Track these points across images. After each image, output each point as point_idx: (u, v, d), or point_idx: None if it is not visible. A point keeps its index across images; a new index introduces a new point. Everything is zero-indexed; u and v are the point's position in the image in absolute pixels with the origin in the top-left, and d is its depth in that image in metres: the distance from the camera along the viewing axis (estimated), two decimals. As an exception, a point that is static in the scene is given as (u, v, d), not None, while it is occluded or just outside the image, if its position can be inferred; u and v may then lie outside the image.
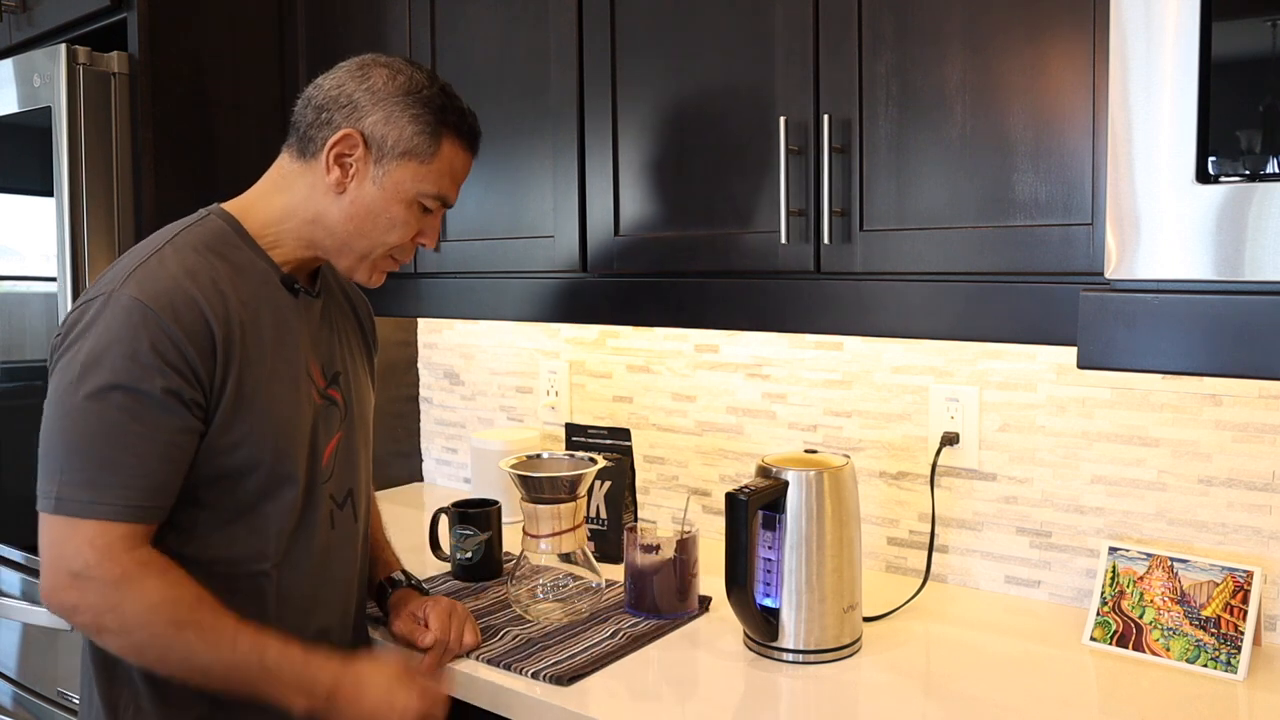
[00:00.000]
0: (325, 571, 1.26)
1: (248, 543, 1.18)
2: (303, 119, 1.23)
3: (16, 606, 1.98)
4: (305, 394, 1.23)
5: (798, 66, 1.32)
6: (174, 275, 1.13)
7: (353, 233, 1.22)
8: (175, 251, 1.17)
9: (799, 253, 1.34)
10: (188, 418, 1.11)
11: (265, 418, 1.16)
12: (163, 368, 1.09)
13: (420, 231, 1.26)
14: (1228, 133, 0.90)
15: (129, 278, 1.13)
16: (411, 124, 1.20)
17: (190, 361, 1.10)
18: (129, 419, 1.08)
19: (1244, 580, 1.29)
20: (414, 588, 1.43)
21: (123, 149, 1.86)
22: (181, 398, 1.10)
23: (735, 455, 1.87)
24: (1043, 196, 1.15)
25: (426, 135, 1.21)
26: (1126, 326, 0.97)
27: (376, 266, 1.27)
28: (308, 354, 1.25)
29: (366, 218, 1.22)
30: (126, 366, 1.08)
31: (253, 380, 1.16)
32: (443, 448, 2.39)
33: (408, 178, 1.21)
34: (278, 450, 1.17)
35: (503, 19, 1.68)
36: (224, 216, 1.23)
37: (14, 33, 2.15)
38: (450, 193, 1.26)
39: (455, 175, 1.26)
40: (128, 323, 1.09)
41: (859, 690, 1.25)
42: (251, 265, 1.21)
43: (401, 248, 1.26)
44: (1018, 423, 1.55)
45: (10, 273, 2.09)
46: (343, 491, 1.29)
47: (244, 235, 1.22)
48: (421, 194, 1.22)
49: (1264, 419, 1.35)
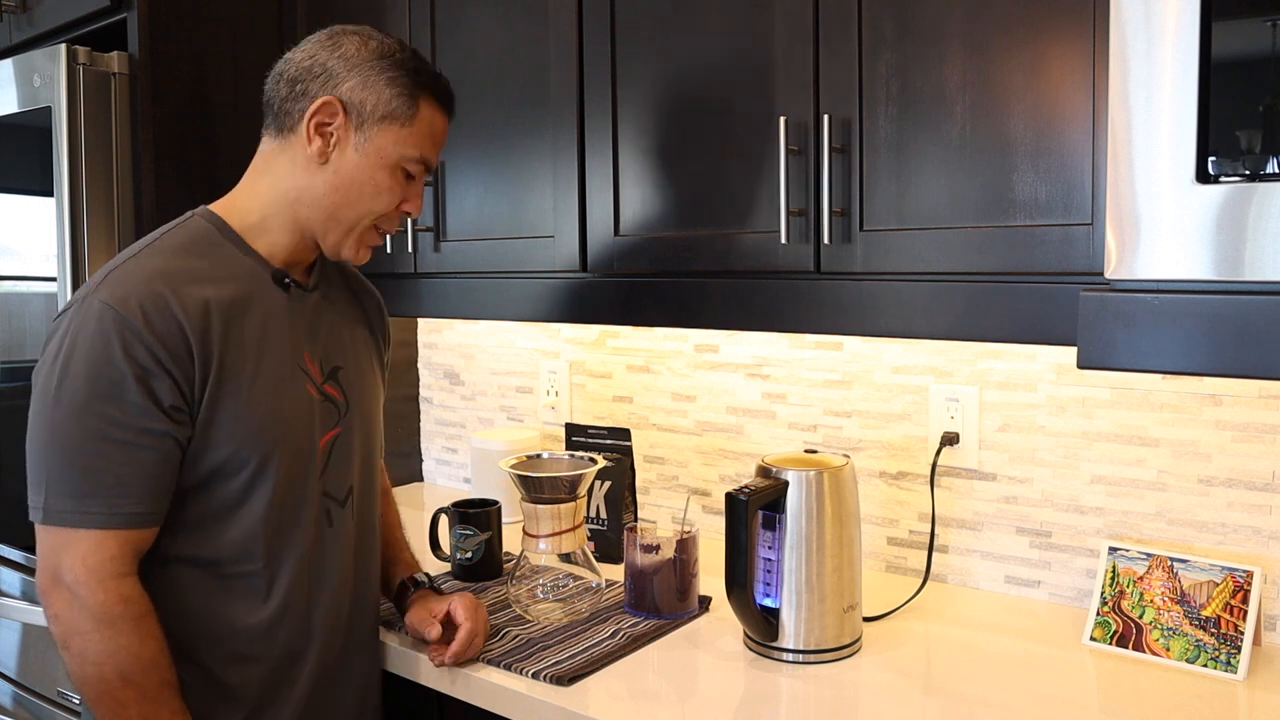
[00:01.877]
0: (321, 570, 1.25)
1: (236, 542, 1.18)
2: (275, 95, 1.22)
3: (16, 606, 1.97)
4: (297, 390, 1.22)
5: (798, 66, 1.32)
6: (147, 278, 1.13)
7: (339, 204, 1.21)
8: (152, 254, 1.17)
9: (799, 253, 1.34)
10: (166, 421, 1.10)
11: (249, 417, 1.16)
12: (136, 373, 1.08)
13: (405, 199, 1.24)
14: (1228, 133, 0.90)
15: (101, 284, 1.13)
16: (389, 87, 1.20)
17: (164, 364, 1.10)
18: (107, 426, 1.08)
19: (1244, 580, 1.29)
20: (434, 589, 1.42)
21: (123, 149, 1.86)
22: (158, 401, 1.10)
23: (735, 455, 1.87)
24: (1043, 196, 1.15)
25: (405, 97, 1.20)
26: (1126, 326, 0.97)
27: (363, 240, 1.25)
28: (301, 349, 1.24)
29: (352, 187, 1.20)
30: (100, 373, 1.08)
31: (235, 380, 1.15)
32: (443, 448, 2.39)
33: (390, 142, 1.20)
34: (262, 448, 1.17)
35: (503, 19, 1.68)
36: (207, 216, 1.23)
37: (14, 33, 2.15)
38: (432, 155, 1.25)
39: (435, 137, 1.25)
40: (99, 329, 1.09)
41: (859, 690, 1.25)
42: (236, 263, 1.20)
43: (387, 217, 1.24)
44: (1018, 423, 1.55)
45: (10, 273, 2.09)
46: (341, 489, 1.28)
47: (228, 232, 1.22)
48: (404, 158, 1.21)
49: (1264, 419, 1.35)
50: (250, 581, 1.19)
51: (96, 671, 1.09)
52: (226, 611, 1.19)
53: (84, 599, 1.08)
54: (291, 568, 1.22)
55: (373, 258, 1.40)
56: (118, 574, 1.10)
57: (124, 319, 1.09)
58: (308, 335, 1.26)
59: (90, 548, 1.08)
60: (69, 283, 1.82)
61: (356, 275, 1.44)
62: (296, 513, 1.22)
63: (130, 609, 1.10)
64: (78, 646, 1.09)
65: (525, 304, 1.69)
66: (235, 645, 1.19)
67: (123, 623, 1.09)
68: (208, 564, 1.18)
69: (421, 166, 1.24)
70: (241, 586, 1.19)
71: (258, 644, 1.20)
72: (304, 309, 1.26)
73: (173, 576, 1.17)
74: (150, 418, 1.09)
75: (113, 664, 1.08)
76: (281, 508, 1.20)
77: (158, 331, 1.10)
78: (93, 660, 1.09)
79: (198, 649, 1.18)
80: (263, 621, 1.20)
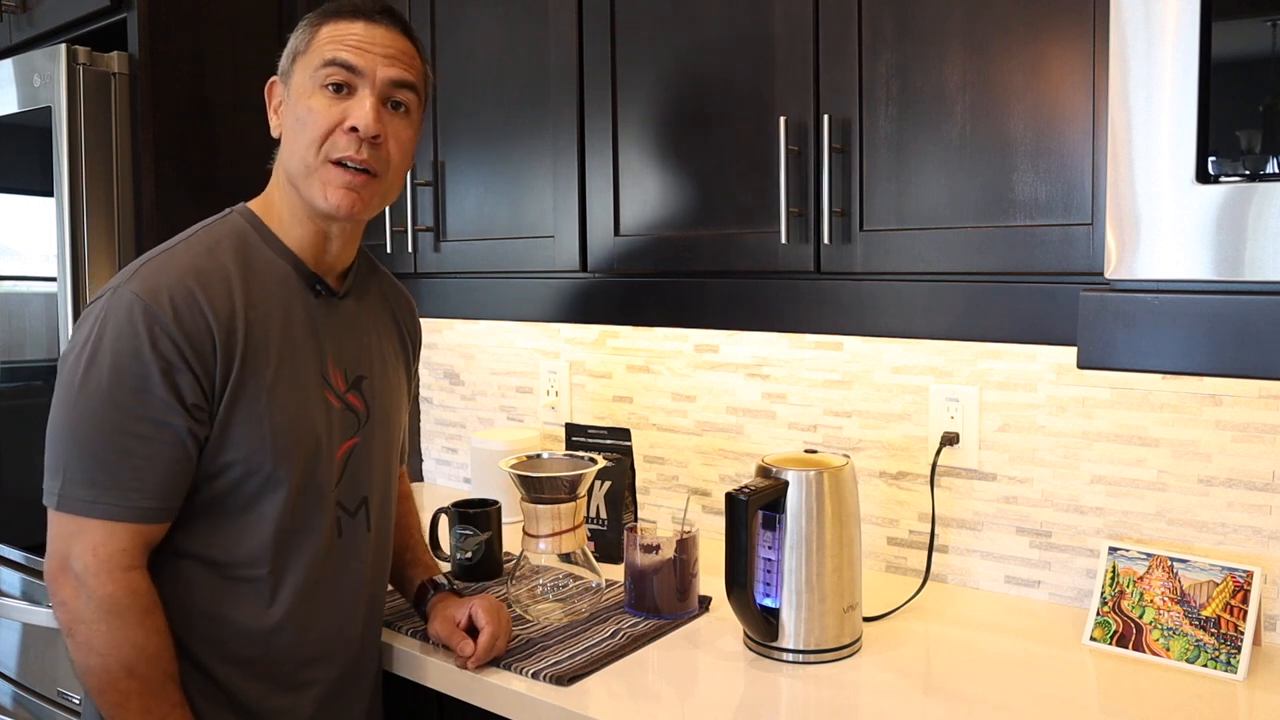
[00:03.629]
0: (328, 580, 1.24)
1: (245, 546, 1.17)
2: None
3: (16, 606, 1.98)
4: (317, 398, 1.21)
5: (798, 66, 1.32)
6: (180, 273, 1.13)
7: (289, 155, 1.20)
8: (187, 249, 1.17)
9: (799, 253, 1.34)
10: (187, 417, 1.11)
11: (266, 421, 1.15)
12: (162, 367, 1.09)
13: (345, 116, 1.16)
14: (1228, 133, 0.90)
15: (134, 274, 1.13)
16: (295, 34, 1.23)
17: (189, 361, 1.10)
18: (127, 418, 1.09)
19: (1244, 580, 1.29)
20: (454, 591, 1.42)
21: (123, 149, 1.86)
22: (181, 397, 1.10)
23: (735, 455, 1.87)
24: (1043, 196, 1.15)
25: (306, 31, 1.21)
26: (1126, 326, 0.97)
27: (327, 180, 1.17)
28: (327, 357, 1.24)
29: (290, 133, 1.20)
30: (126, 365, 1.08)
31: (255, 382, 1.15)
32: (443, 448, 2.39)
33: (300, 72, 1.19)
34: (277, 454, 1.16)
35: (503, 19, 1.68)
36: (245, 215, 1.23)
37: (14, 33, 2.15)
38: (345, 54, 1.16)
39: (341, 39, 1.17)
40: (128, 320, 1.09)
41: (859, 690, 1.25)
42: (269, 266, 1.21)
43: (333, 143, 1.16)
44: (1018, 423, 1.55)
45: (10, 273, 2.09)
46: (355, 499, 1.27)
47: (265, 233, 1.22)
48: (314, 75, 1.17)
49: (1264, 419, 1.35)
50: (255, 586, 1.19)
51: (101, 662, 1.09)
52: (229, 613, 1.18)
53: (92, 588, 1.08)
54: (298, 576, 1.21)
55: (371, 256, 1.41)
56: (127, 566, 1.10)
57: (153, 312, 1.09)
58: (334, 343, 1.25)
59: (102, 538, 1.09)
60: (69, 283, 1.83)
61: (389, 278, 1.44)
62: (308, 521, 1.21)
63: (137, 601, 1.10)
64: (83, 635, 1.09)
65: (525, 304, 1.69)
66: (235, 647, 1.19)
67: (130, 615, 1.09)
68: (215, 564, 1.17)
69: (340, 72, 1.16)
70: (246, 590, 1.18)
71: (258, 649, 1.20)
72: (333, 316, 1.26)
73: (179, 572, 1.17)
74: (172, 413, 1.10)
75: (117, 655, 1.08)
76: (293, 515, 1.19)
77: (186, 327, 1.10)
78: (98, 650, 1.09)
79: (197, 647, 1.18)
80: (265, 627, 1.19)
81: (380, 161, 1.19)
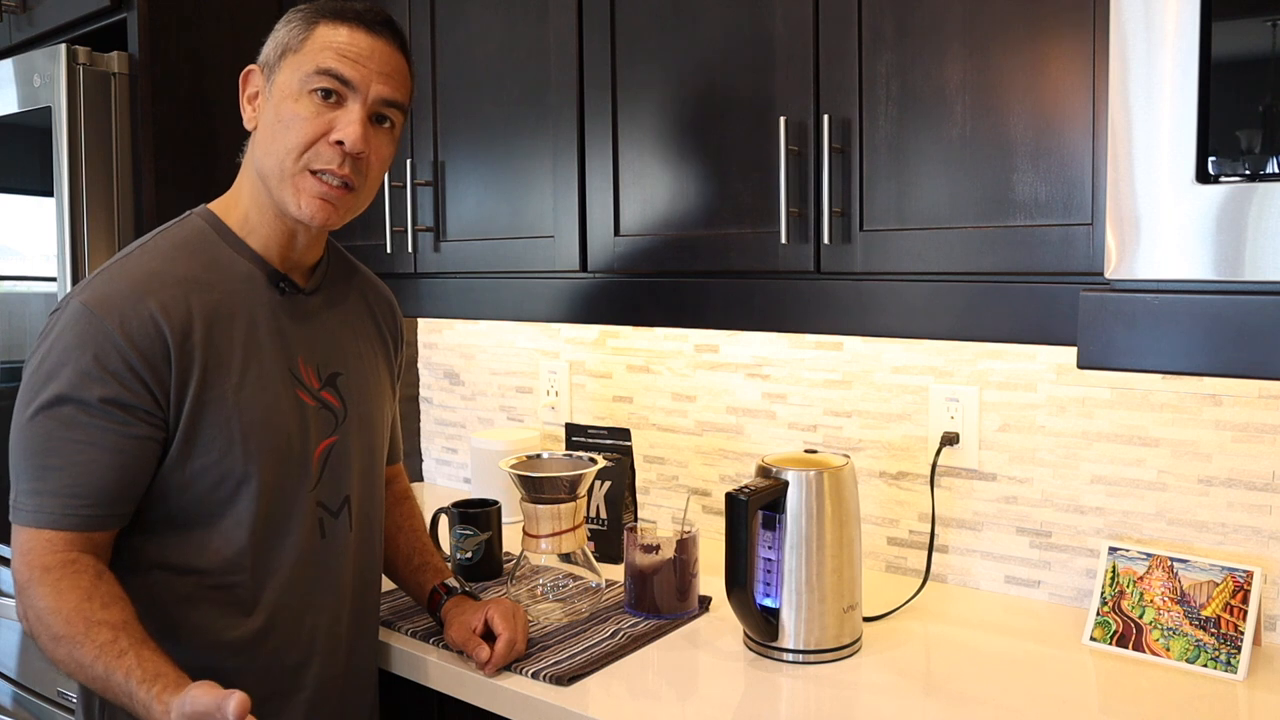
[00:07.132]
0: (311, 582, 1.22)
1: (220, 552, 1.15)
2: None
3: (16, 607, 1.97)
4: (286, 396, 1.19)
5: (798, 66, 1.32)
6: (132, 281, 1.12)
7: (265, 154, 1.16)
8: (144, 256, 1.16)
9: (799, 253, 1.34)
10: (135, 425, 1.09)
11: (235, 422, 1.14)
12: (104, 377, 1.07)
13: (331, 127, 1.14)
14: (1228, 133, 0.90)
15: (87, 285, 1.12)
16: (285, 26, 1.18)
17: (136, 369, 1.08)
18: (67, 428, 1.08)
19: (1244, 580, 1.29)
20: (467, 594, 1.39)
21: (123, 149, 1.86)
22: (124, 405, 1.08)
23: (735, 455, 1.87)
24: (1043, 196, 1.15)
25: (299, 25, 1.17)
26: (1126, 326, 0.97)
27: (301, 188, 1.15)
28: (296, 354, 1.22)
29: (269, 131, 1.16)
30: (70, 377, 1.08)
31: (219, 385, 1.13)
32: (443, 448, 2.39)
33: (289, 71, 1.15)
34: (247, 455, 1.14)
35: (502, 18, 1.68)
36: (205, 216, 1.22)
37: (14, 33, 2.15)
38: (337, 65, 1.13)
39: (337, 48, 1.14)
40: (74, 331, 1.09)
41: (859, 690, 1.25)
42: (230, 265, 1.19)
43: (316, 153, 1.14)
44: (1018, 423, 1.55)
45: (10, 273, 2.09)
46: (336, 499, 1.25)
47: (225, 233, 1.20)
48: (306, 78, 1.13)
49: (1264, 419, 1.35)
50: (234, 593, 1.16)
51: (41, 642, 1.07)
52: (212, 622, 1.16)
53: (17, 580, 1.09)
54: (280, 580, 1.19)
55: (371, 258, 1.41)
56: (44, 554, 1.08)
57: (100, 322, 1.08)
58: (304, 340, 1.23)
59: (27, 538, 1.08)
60: (69, 283, 1.83)
61: (368, 276, 1.42)
62: (286, 523, 1.19)
63: (49, 575, 1.07)
64: (28, 629, 1.08)
65: (525, 304, 1.69)
66: (220, 655, 1.16)
67: (40, 586, 1.06)
68: (191, 573, 1.15)
69: (333, 82, 1.13)
70: (225, 599, 1.16)
71: (243, 655, 1.17)
72: (301, 313, 1.24)
73: (153, 585, 1.14)
74: (114, 420, 1.08)
75: (41, 627, 1.06)
76: (269, 518, 1.17)
77: (134, 337, 1.09)
78: (34, 632, 1.07)
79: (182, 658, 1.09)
80: (247, 635, 1.17)
81: (359, 176, 1.18)
